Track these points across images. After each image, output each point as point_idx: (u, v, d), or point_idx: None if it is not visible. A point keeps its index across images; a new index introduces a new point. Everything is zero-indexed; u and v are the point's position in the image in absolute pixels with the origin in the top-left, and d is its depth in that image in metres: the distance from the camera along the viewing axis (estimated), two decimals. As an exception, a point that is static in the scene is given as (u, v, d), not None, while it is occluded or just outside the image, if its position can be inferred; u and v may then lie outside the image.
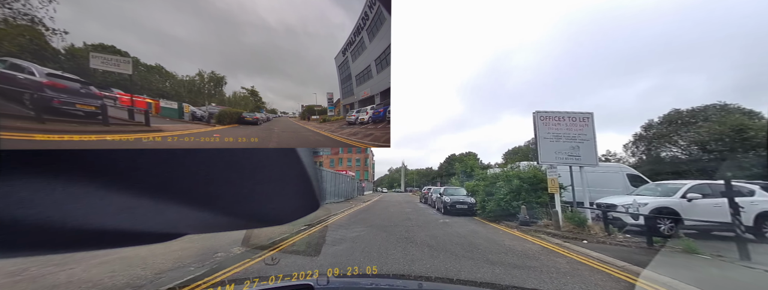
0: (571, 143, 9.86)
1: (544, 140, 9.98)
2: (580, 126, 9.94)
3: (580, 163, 9.77)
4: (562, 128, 9.99)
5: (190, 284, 4.06)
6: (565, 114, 10.11)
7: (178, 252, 5.62)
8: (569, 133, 9.93)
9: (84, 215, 0.36)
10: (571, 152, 9.80)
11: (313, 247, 5.53)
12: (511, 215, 11.47)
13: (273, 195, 0.51)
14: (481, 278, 4.59)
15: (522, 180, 11.72)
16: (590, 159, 9.73)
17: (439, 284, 2.92)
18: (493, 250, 6.65)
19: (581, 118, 10.01)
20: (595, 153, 9.78)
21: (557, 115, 10.10)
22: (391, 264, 5.25)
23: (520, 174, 12.10)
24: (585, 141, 9.83)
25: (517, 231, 9.37)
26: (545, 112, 10.18)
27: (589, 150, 9.78)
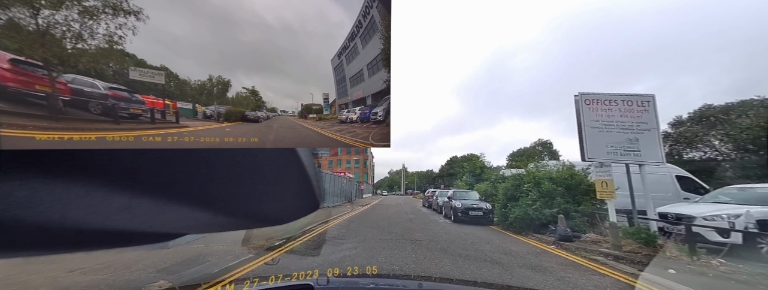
0: (627, 134, 7.57)
1: (591, 130, 7.69)
2: (638, 112, 7.66)
3: (640, 161, 7.48)
4: (615, 115, 7.71)
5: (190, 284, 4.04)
6: (617, 97, 7.83)
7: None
8: (624, 122, 7.65)
9: (84, 215, 0.37)
10: (628, 146, 7.51)
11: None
12: (540, 226, 9.17)
13: (273, 195, 0.52)
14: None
15: (555, 183, 9.42)
16: (653, 154, 7.44)
17: (439, 284, 2.74)
18: (555, 286, 4.39)
19: (639, 102, 7.73)
20: (659, 148, 7.48)
21: (608, 98, 7.82)
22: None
23: (552, 175, 9.80)
24: (645, 131, 7.54)
25: (561, 251, 7.06)
26: (592, 95, 7.91)
27: (651, 143, 7.48)
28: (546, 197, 9.26)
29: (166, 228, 0.49)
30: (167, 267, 4.98)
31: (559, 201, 8.98)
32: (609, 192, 7.20)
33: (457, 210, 12.54)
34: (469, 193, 15.27)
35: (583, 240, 7.79)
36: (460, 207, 12.47)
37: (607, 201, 7.29)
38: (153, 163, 0.39)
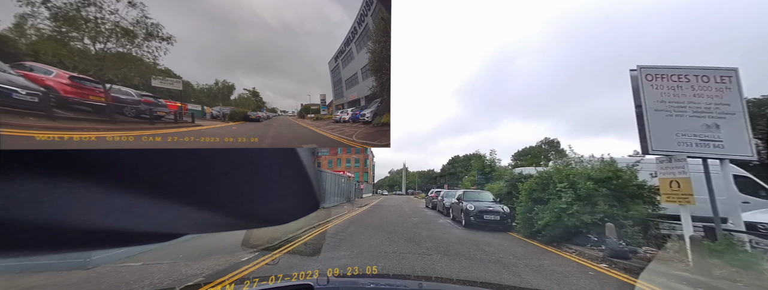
0: (704, 119, 5.79)
1: (655, 115, 5.90)
2: (716, 91, 5.87)
3: (723, 154, 5.69)
4: (686, 94, 5.92)
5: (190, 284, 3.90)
6: (689, 70, 6.03)
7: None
8: (699, 103, 5.86)
9: (84, 215, 0.37)
10: (706, 134, 5.72)
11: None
12: (576, 235, 7.40)
13: (273, 195, 0.52)
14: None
15: (596, 182, 7.63)
16: (739, 146, 5.65)
17: (439, 284, 2.85)
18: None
19: (718, 78, 5.93)
20: (747, 136, 5.68)
21: (676, 73, 6.02)
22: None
23: (591, 173, 8.01)
24: (727, 115, 5.76)
25: (619, 272, 5.28)
26: (655, 69, 6.12)
27: (737, 130, 5.69)
28: (584, 200, 7.47)
29: (166, 228, 0.49)
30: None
31: (602, 206, 7.20)
32: (683, 196, 5.43)
33: (470, 213, 10.76)
34: (482, 194, 13.20)
35: (640, 257, 6.01)
36: (473, 210, 10.69)
37: (681, 208, 5.50)
38: (153, 163, 0.39)
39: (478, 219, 10.45)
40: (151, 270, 4.70)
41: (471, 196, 12.76)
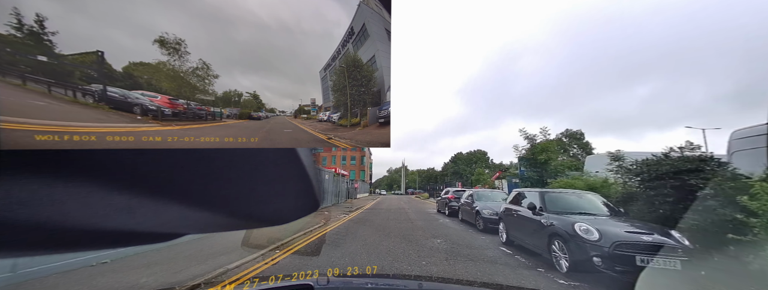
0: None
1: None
2: None
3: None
4: None
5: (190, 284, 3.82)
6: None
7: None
8: None
9: (84, 215, 0.37)
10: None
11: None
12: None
13: (273, 195, 0.52)
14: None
15: None
16: None
17: (439, 284, 2.75)
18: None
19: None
20: None
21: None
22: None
23: None
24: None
25: None
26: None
27: None
28: None
29: (166, 228, 0.49)
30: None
31: None
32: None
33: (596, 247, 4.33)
34: (583, 198, 6.53)
35: None
36: (614, 241, 4.31)
37: None
38: (153, 163, 0.39)
39: (626, 262, 4.06)
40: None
41: (567, 202, 6.27)
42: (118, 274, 4.56)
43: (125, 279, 4.34)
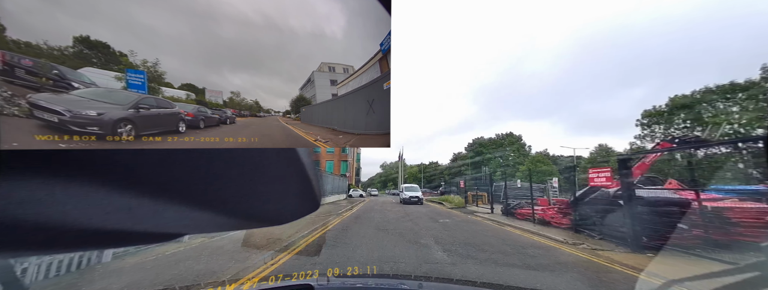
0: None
1: None
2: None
3: None
4: None
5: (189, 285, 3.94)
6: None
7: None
8: None
9: (84, 215, 0.37)
10: None
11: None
12: None
13: (273, 194, 0.52)
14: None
15: None
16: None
17: (439, 284, 2.79)
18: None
19: None
20: None
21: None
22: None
23: None
24: None
25: None
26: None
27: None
28: None
29: (166, 228, 0.50)
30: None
31: None
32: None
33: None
34: None
35: None
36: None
37: None
38: (153, 163, 0.39)
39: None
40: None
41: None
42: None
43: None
